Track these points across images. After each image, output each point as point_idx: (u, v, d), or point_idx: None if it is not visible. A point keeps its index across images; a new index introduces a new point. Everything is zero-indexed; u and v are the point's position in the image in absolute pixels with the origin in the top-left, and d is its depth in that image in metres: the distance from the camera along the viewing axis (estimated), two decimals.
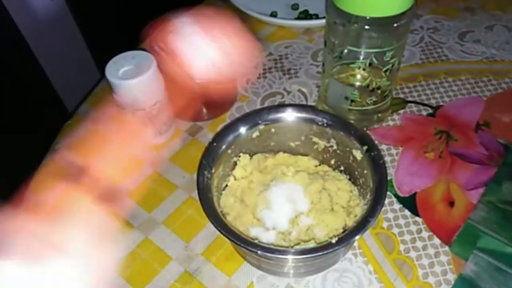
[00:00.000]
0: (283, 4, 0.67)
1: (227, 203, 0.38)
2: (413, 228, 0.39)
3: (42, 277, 0.23)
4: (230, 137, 0.39)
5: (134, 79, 0.41)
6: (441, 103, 0.50)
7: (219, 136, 0.39)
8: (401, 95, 0.51)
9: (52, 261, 0.23)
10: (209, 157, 0.37)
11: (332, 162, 0.41)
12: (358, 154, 0.38)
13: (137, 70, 0.42)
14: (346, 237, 0.31)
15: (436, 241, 0.38)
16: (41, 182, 0.46)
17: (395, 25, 0.37)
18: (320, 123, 0.40)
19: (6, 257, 0.22)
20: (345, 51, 0.41)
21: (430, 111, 0.49)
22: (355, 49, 0.40)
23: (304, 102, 0.52)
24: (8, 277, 0.22)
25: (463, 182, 0.42)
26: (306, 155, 0.42)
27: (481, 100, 0.50)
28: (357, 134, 0.38)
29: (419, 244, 0.38)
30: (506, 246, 0.37)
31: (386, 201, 0.41)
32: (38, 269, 0.23)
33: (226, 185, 0.40)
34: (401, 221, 0.40)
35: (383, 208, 0.41)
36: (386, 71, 0.41)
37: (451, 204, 0.41)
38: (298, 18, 0.64)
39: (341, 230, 0.36)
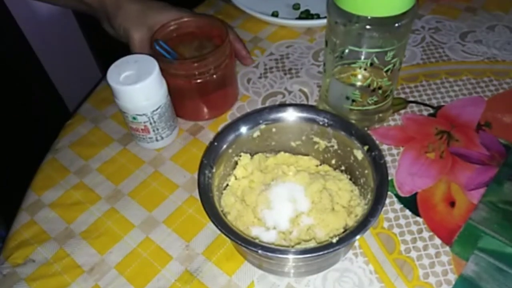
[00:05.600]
0: (285, 4, 0.67)
1: (228, 203, 0.38)
2: (414, 228, 0.39)
3: None
4: (231, 137, 0.39)
5: (135, 85, 0.41)
6: (442, 103, 0.50)
7: (220, 136, 0.39)
8: (402, 95, 0.51)
9: None
10: (210, 157, 0.37)
11: (333, 162, 0.41)
12: (359, 154, 0.38)
13: (139, 75, 0.42)
14: (347, 237, 0.31)
15: (437, 241, 0.38)
16: (42, 181, 0.46)
17: (397, 25, 0.37)
18: (321, 123, 0.40)
19: None
20: (346, 51, 0.41)
21: (431, 111, 0.49)
22: (356, 49, 0.40)
23: (305, 102, 0.52)
24: None
25: (464, 182, 0.42)
26: (307, 154, 0.42)
27: (482, 101, 0.50)
28: (358, 134, 0.38)
29: (419, 244, 0.38)
30: (507, 246, 0.37)
31: (387, 201, 0.41)
32: None
33: (227, 185, 0.40)
34: (402, 221, 0.40)
35: (384, 208, 0.41)
36: (387, 71, 0.41)
37: (452, 204, 0.41)
38: (299, 18, 0.64)
39: (342, 230, 0.36)
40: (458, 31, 0.60)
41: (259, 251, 0.31)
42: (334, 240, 0.31)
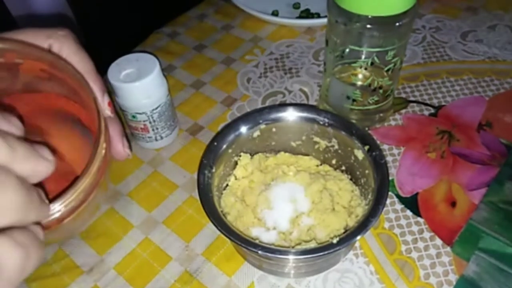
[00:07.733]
0: (285, 3, 0.67)
1: (228, 203, 0.38)
2: (415, 228, 0.39)
3: None
4: (231, 137, 0.39)
5: (135, 82, 0.41)
6: (443, 103, 0.50)
7: (220, 136, 0.39)
8: (403, 95, 0.51)
9: None
10: (210, 157, 0.37)
11: (334, 162, 0.41)
12: (359, 154, 0.38)
13: (139, 73, 0.42)
14: (347, 237, 0.31)
15: (438, 241, 0.38)
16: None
17: (397, 24, 0.37)
18: (321, 123, 0.39)
19: None
20: (347, 50, 0.40)
21: (432, 111, 0.49)
22: (356, 48, 0.39)
23: (305, 102, 0.52)
24: None
25: (465, 183, 0.42)
26: (307, 154, 0.42)
27: (483, 100, 0.50)
28: (358, 133, 0.38)
29: (420, 244, 0.38)
30: (508, 246, 0.36)
31: (388, 201, 0.41)
32: None
33: (227, 185, 0.40)
34: (403, 222, 0.40)
35: (385, 209, 0.41)
36: (388, 70, 0.41)
37: (453, 204, 0.41)
38: (300, 17, 0.64)
39: (342, 230, 0.36)
40: (459, 30, 0.59)
41: (259, 252, 0.31)
42: (335, 241, 0.31)
